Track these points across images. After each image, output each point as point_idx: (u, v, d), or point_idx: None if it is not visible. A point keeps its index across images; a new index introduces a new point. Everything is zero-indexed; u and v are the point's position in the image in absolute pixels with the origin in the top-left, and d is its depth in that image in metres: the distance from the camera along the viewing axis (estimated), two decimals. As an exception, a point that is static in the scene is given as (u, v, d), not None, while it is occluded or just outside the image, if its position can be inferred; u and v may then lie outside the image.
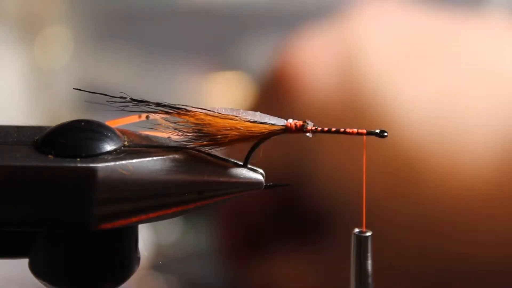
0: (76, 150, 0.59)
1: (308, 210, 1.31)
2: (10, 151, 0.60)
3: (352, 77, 1.27)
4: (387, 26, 1.34)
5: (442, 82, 1.26)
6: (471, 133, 1.21)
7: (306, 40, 1.41)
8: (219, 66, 2.30)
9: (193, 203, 0.62)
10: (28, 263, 0.64)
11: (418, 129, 1.21)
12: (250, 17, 2.24)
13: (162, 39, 2.25)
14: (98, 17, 2.24)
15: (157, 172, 0.60)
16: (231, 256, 1.48)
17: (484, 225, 1.20)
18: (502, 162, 1.17)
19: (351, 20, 1.36)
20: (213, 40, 2.26)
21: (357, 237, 0.63)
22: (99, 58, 2.24)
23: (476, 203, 1.19)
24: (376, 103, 1.24)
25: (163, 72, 2.23)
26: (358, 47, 1.30)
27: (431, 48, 1.31)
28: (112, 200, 0.58)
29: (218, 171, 0.62)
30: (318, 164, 1.27)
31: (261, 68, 1.68)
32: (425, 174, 1.21)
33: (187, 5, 2.25)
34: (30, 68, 2.18)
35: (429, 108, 1.24)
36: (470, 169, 1.19)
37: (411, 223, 1.22)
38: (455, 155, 1.20)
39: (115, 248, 0.63)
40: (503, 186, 1.18)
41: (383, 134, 0.63)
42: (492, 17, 1.52)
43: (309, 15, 1.90)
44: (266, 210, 1.36)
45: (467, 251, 1.21)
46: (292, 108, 1.31)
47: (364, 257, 0.63)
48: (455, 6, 1.44)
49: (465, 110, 1.23)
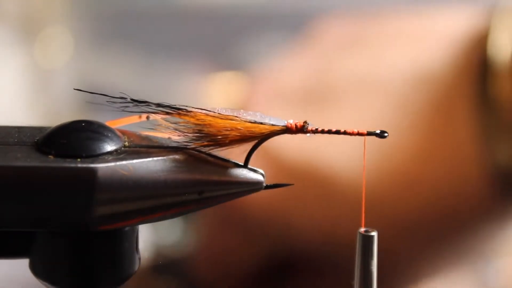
0: (76, 150, 0.59)
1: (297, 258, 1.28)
2: (10, 151, 0.60)
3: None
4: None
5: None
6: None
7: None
8: (219, 66, 2.30)
9: (193, 203, 0.62)
10: (29, 263, 0.64)
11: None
12: (250, 17, 2.24)
13: (162, 39, 2.25)
14: (98, 17, 2.24)
15: (158, 173, 0.60)
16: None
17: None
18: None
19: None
20: (213, 40, 2.26)
21: (362, 236, 0.63)
22: (99, 58, 2.24)
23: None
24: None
25: (163, 72, 2.23)
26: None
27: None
28: (112, 200, 0.58)
29: (218, 172, 0.62)
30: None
31: (261, 68, 1.69)
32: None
33: (187, 5, 2.25)
34: (30, 68, 2.18)
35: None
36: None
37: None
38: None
39: (116, 249, 0.63)
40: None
41: (383, 134, 0.63)
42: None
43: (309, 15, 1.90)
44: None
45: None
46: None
47: (369, 257, 0.63)
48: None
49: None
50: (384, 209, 1.12)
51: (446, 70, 1.17)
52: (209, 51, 2.28)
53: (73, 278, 0.62)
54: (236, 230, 1.28)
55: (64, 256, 0.62)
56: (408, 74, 1.20)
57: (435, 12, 1.36)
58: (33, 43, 2.18)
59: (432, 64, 1.19)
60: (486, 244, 1.29)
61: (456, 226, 1.18)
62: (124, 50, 2.24)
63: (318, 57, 1.32)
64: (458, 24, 1.22)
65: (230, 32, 2.26)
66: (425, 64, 1.20)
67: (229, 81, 2.23)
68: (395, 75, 1.20)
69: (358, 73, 1.24)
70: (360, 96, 1.20)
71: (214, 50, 2.29)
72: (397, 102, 1.18)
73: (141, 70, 2.22)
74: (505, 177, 1.12)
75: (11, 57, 2.12)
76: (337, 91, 1.22)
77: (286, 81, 1.31)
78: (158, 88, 2.22)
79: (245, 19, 2.24)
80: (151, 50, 2.25)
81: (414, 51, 1.24)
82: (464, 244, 1.23)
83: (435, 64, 1.19)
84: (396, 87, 1.19)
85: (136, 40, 2.25)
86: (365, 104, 1.19)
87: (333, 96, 1.22)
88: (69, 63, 2.20)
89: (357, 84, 1.22)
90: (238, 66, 2.26)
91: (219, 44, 2.27)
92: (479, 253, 1.32)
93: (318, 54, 1.33)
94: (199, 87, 2.28)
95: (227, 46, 2.27)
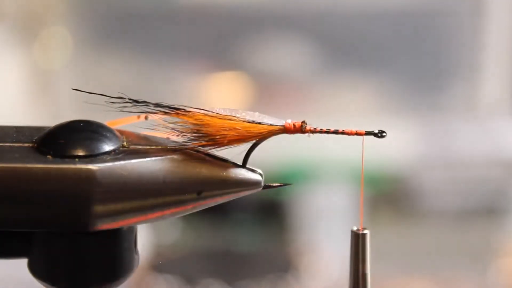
0: (75, 150, 0.59)
1: None
2: (9, 151, 0.60)
3: None
4: None
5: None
6: None
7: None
8: (219, 66, 2.30)
9: (192, 203, 0.62)
10: (27, 264, 0.64)
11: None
12: (250, 17, 2.24)
13: (162, 39, 2.25)
14: (98, 17, 2.24)
15: (156, 173, 0.60)
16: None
17: None
18: None
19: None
20: (213, 40, 2.26)
21: (355, 234, 0.63)
22: (99, 59, 2.24)
23: None
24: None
25: (162, 72, 2.23)
26: None
27: None
28: (111, 200, 0.58)
29: (217, 171, 0.62)
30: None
31: (261, 68, 1.68)
32: None
33: (187, 5, 2.25)
34: (30, 68, 2.18)
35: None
36: None
37: None
38: None
39: (114, 249, 0.62)
40: None
41: (381, 134, 0.63)
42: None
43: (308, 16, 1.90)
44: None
45: None
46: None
47: (362, 255, 0.63)
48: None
49: None
50: None
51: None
52: (209, 51, 2.28)
53: (71, 278, 0.62)
54: None
55: (62, 256, 0.62)
56: None
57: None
58: (33, 43, 2.18)
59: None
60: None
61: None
62: (124, 50, 2.24)
63: None
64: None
65: (230, 32, 2.26)
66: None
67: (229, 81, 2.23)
68: None
69: None
70: None
71: (214, 50, 2.28)
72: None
73: (141, 70, 2.22)
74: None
75: (11, 58, 2.12)
76: None
77: None
78: (157, 88, 2.22)
79: (245, 19, 2.24)
80: (151, 50, 2.25)
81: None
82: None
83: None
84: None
85: (136, 40, 2.25)
86: None
87: None
88: (69, 64, 2.20)
89: None
90: (238, 66, 2.26)
91: (219, 44, 2.27)
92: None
93: None
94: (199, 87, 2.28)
95: (227, 46, 2.27)
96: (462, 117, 2.30)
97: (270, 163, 1.97)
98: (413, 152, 2.23)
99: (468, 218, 2.17)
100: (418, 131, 2.28)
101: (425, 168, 2.21)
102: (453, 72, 2.35)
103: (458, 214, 2.18)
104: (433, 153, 2.23)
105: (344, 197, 2.08)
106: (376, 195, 2.12)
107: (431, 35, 2.32)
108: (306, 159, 2.15)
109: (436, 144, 2.24)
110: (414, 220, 2.19)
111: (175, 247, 1.82)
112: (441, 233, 2.14)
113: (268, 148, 0.69)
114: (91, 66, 2.23)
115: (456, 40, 2.32)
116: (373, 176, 2.13)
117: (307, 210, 2.09)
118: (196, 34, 2.23)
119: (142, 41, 2.25)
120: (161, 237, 1.81)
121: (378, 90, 2.34)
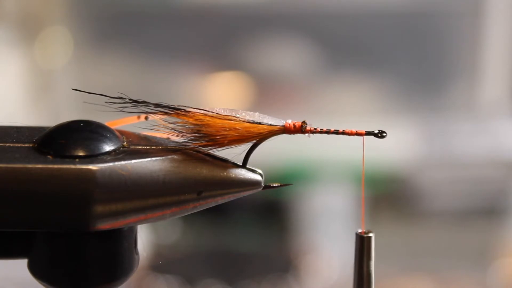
0: (75, 150, 0.59)
1: None
2: (9, 151, 0.59)
3: None
4: None
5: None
6: None
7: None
8: (219, 66, 2.30)
9: (192, 203, 0.61)
10: (27, 264, 0.64)
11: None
12: (250, 17, 2.24)
13: (162, 39, 2.25)
14: (98, 17, 2.24)
15: (156, 173, 0.60)
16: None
17: None
18: None
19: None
20: (213, 40, 2.26)
21: (360, 237, 0.63)
22: (99, 59, 2.24)
23: None
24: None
25: (163, 72, 2.23)
26: None
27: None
28: (111, 200, 0.58)
29: (217, 172, 0.62)
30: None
31: (261, 68, 1.68)
32: None
33: (187, 5, 2.25)
34: (30, 68, 2.18)
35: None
36: None
37: None
38: None
39: (114, 249, 0.62)
40: None
41: (382, 134, 0.63)
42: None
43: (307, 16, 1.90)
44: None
45: None
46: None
47: (367, 257, 0.63)
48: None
49: None
50: None
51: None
52: (209, 51, 2.28)
53: (71, 278, 0.62)
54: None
55: (62, 256, 0.62)
56: None
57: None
58: (33, 43, 2.18)
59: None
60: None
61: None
62: (124, 51, 2.24)
63: None
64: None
65: (230, 32, 2.26)
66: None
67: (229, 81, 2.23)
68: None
69: None
70: None
71: (214, 50, 2.28)
72: None
73: (141, 70, 2.22)
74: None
75: (12, 58, 2.12)
76: None
77: None
78: (157, 88, 2.22)
79: (245, 19, 2.23)
80: (151, 50, 2.25)
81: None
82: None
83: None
84: None
85: (136, 40, 2.25)
86: None
87: None
88: (69, 64, 2.20)
89: None
90: (238, 66, 2.26)
91: (219, 44, 2.27)
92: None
93: None
94: (199, 87, 2.28)
95: (227, 46, 2.27)
96: (462, 117, 2.30)
97: (270, 163, 1.97)
98: (413, 152, 2.23)
99: (468, 218, 2.17)
100: (418, 131, 2.28)
101: (425, 168, 2.21)
102: (453, 72, 2.35)
103: (458, 214, 2.18)
104: (433, 153, 2.23)
105: (344, 197, 2.08)
106: (376, 195, 2.12)
107: (431, 35, 2.32)
108: (306, 159, 2.15)
109: (436, 144, 2.24)
110: (414, 220, 2.19)
111: (175, 247, 1.82)
112: (441, 233, 2.14)
113: (268, 148, 0.69)
114: (91, 66, 2.23)
115: (456, 40, 2.32)
116: (373, 176, 2.13)
117: (307, 210, 2.09)
118: (196, 34, 2.23)
119: (142, 41, 2.25)
120: (161, 237, 1.81)
121: (378, 90, 2.34)
